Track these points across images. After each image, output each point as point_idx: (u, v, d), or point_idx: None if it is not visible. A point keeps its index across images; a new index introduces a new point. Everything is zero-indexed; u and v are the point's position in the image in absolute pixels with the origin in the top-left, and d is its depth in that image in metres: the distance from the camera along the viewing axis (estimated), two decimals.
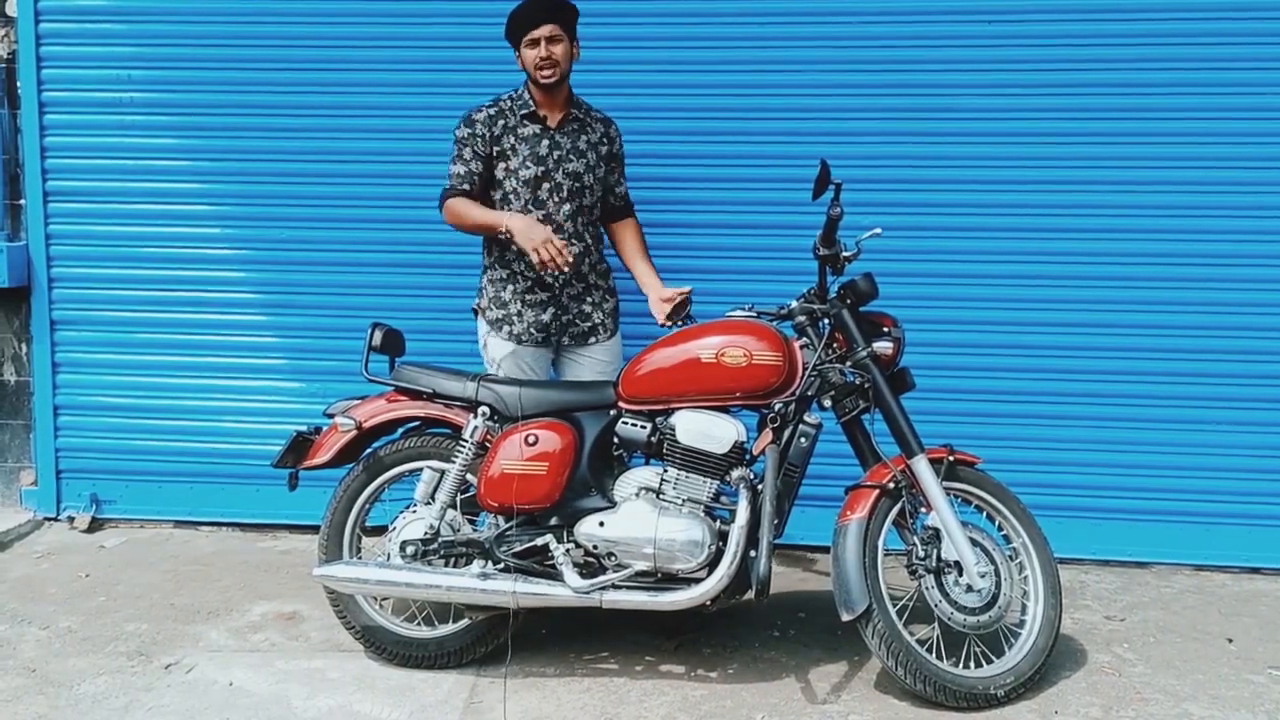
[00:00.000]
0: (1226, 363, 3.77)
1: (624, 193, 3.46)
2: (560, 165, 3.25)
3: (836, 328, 2.93)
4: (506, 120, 3.25)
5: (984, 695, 2.78)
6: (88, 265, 4.13)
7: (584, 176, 3.28)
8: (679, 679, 2.96)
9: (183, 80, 4.02)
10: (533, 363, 3.33)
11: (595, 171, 3.31)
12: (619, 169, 3.43)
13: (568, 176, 3.25)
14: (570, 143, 3.27)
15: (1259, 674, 3.03)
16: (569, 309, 3.31)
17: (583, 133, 3.31)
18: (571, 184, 3.26)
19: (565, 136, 3.27)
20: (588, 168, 3.29)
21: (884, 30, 3.79)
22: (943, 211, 3.82)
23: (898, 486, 2.87)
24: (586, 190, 3.29)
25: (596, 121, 3.36)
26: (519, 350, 3.31)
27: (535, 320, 3.29)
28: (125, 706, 2.80)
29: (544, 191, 3.25)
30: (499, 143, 3.24)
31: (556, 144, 3.25)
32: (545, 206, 3.25)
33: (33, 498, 4.23)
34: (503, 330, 3.32)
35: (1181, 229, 3.75)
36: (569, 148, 3.27)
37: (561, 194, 3.25)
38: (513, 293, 3.30)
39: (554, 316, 3.30)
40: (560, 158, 3.25)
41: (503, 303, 3.32)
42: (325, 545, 3.04)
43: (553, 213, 3.24)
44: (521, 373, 3.29)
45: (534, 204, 3.24)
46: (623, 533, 2.84)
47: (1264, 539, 3.79)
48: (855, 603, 2.76)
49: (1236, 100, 3.71)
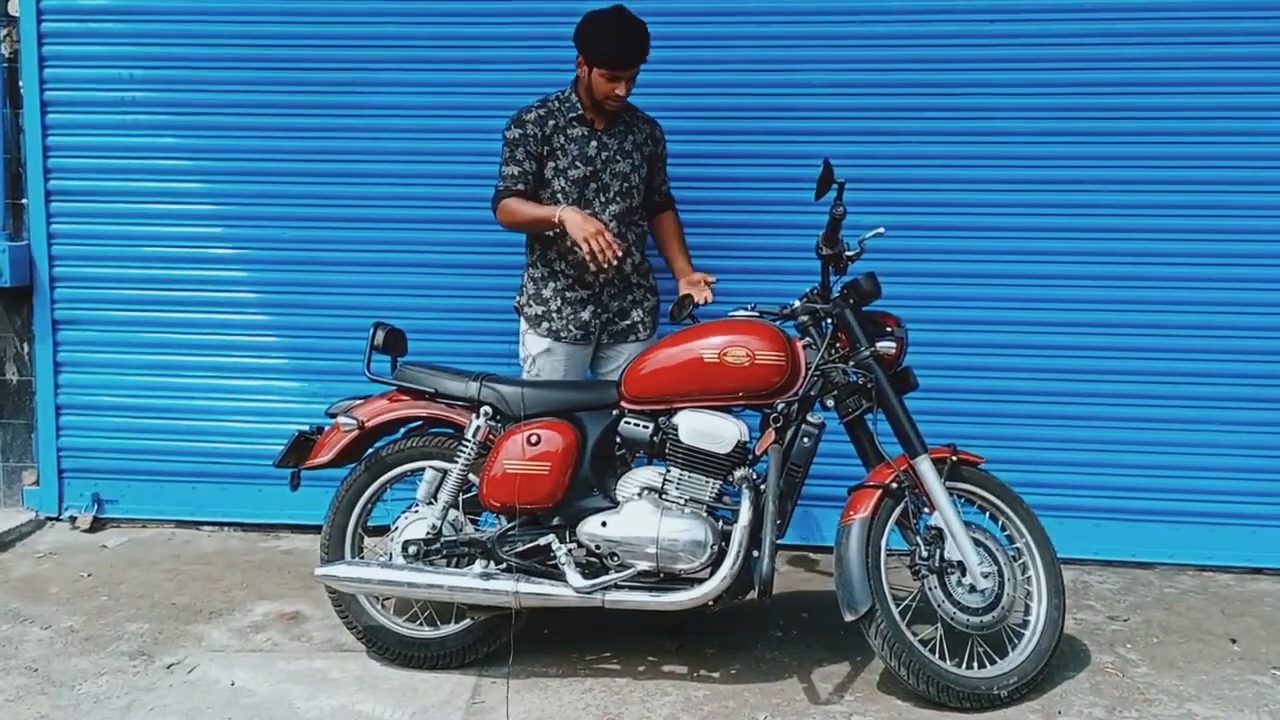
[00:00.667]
0: (1229, 363, 3.77)
1: (666, 189, 3.51)
2: (608, 166, 3.28)
3: (839, 327, 2.93)
4: (556, 120, 3.27)
5: (987, 696, 2.77)
6: (90, 265, 4.13)
7: (630, 177, 3.31)
8: (682, 679, 2.96)
9: (185, 80, 4.02)
10: (568, 360, 3.33)
11: (640, 172, 3.34)
12: (663, 167, 3.48)
13: (615, 177, 3.28)
14: (617, 144, 3.30)
15: (1263, 674, 3.03)
16: (609, 307, 3.33)
17: (629, 134, 3.33)
18: (619, 185, 3.29)
19: (613, 138, 3.30)
20: (633, 168, 3.32)
21: (885, 30, 3.78)
22: (945, 211, 3.82)
23: (901, 487, 2.87)
24: (633, 191, 3.33)
25: (642, 123, 3.39)
26: (556, 347, 3.32)
27: (574, 317, 3.31)
28: (127, 706, 2.80)
29: (590, 192, 3.27)
30: (549, 142, 3.26)
31: (604, 145, 3.28)
32: (591, 206, 3.27)
33: (35, 497, 4.23)
34: (541, 326, 3.33)
35: (1183, 229, 3.75)
36: (616, 149, 3.30)
37: (608, 194, 3.28)
38: (554, 290, 3.31)
39: (594, 314, 3.32)
40: (608, 159, 3.28)
41: (543, 299, 3.33)
42: (327, 545, 3.04)
43: (598, 212, 3.26)
44: (556, 371, 3.31)
45: (580, 203, 3.26)
46: (625, 533, 2.83)
47: (1267, 539, 3.78)
48: (858, 603, 2.76)
49: (1235, 100, 3.70)
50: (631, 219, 3.35)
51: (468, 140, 3.89)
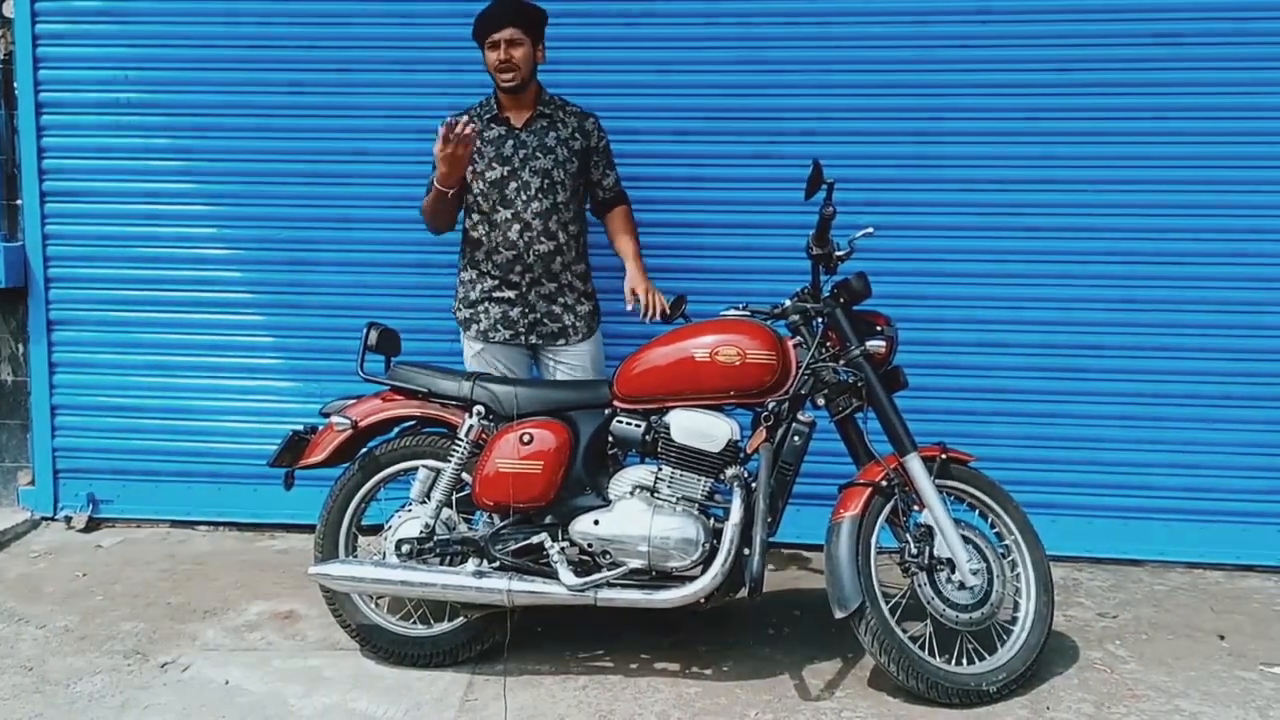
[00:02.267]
0: (1219, 361, 3.79)
1: (612, 184, 3.45)
2: (526, 164, 3.25)
3: (830, 326, 2.95)
4: (474, 125, 3.26)
5: (976, 692, 2.79)
6: (84, 265, 4.13)
7: (553, 173, 3.27)
8: (674, 676, 2.97)
9: (179, 81, 4.03)
10: (505, 361, 3.33)
11: (566, 167, 3.29)
12: (603, 161, 3.41)
13: (535, 174, 3.25)
14: (537, 141, 3.27)
15: (1250, 671, 3.05)
16: (536, 307, 3.31)
17: (551, 130, 3.30)
18: (540, 181, 3.25)
19: (531, 135, 3.27)
20: (556, 164, 3.27)
21: (877, 30, 3.80)
22: (935, 211, 3.83)
23: (891, 484, 2.89)
24: (558, 187, 3.27)
25: (570, 117, 3.35)
26: (487, 348, 3.32)
27: (502, 316, 3.30)
28: (122, 705, 2.81)
29: (511, 191, 3.25)
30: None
31: (522, 143, 3.26)
32: (514, 205, 3.25)
33: (30, 497, 4.24)
34: (470, 329, 3.34)
35: (1173, 229, 3.77)
36: (535, 145, 3.27)
37: (529, 192, 3.25)
38: (480, 291, 3.32)
39: (521, 314, 3.31)
40: (526, 156, 3.26)
41: (471, 301, 3.34)
42: (321, 544, 3.06)
43: (521, 211, 3.24)
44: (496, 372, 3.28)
45: (502, 204, 3.25)
46: (617, 531, 2.85)
47: (1256, 537, 3.81)
48: (848, 600, 2.78)
49: (1232, 100, 3.72)
50: (560, 216, 3.28)
51: None
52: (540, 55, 3.27)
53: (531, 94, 3.30)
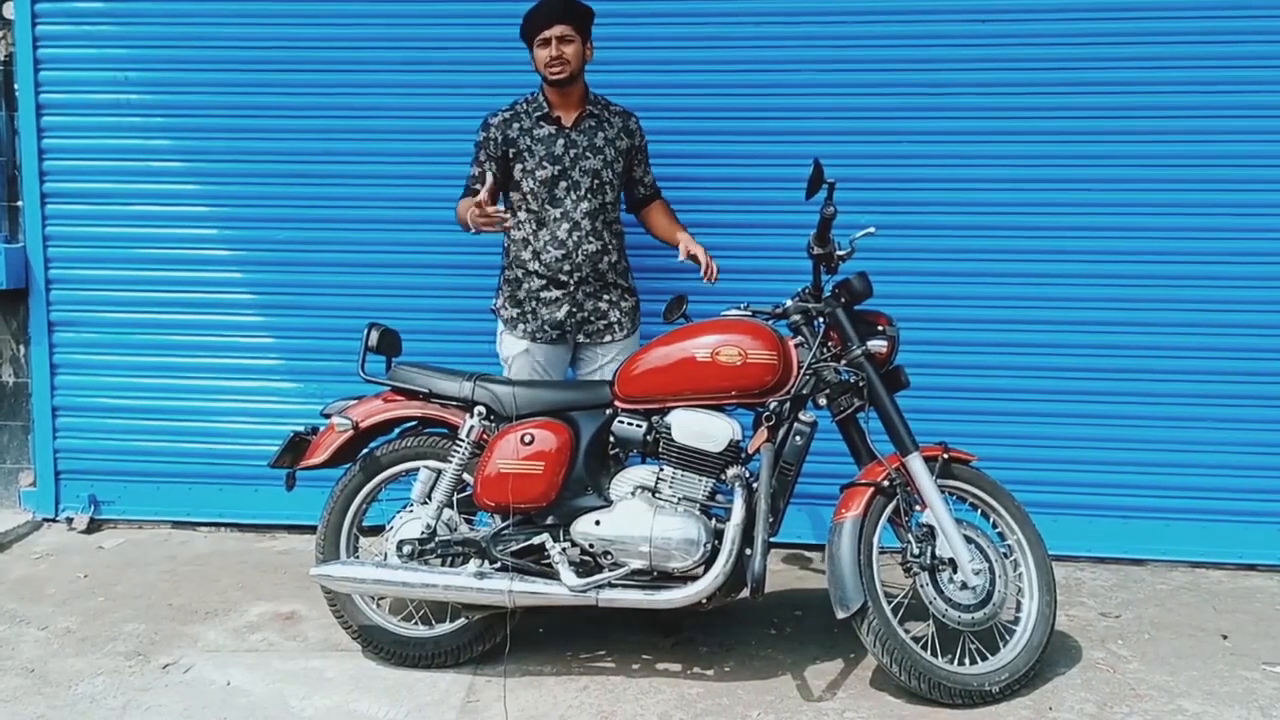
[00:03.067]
0: (1221, 360, 3.79)
1: (651, 182, 3.50)
2: (577, 163, 3.27)
3: (831, 326, 2.95)
4: (521, 122, 3.28)
5: (979, 692, 2.79)
6: (85, 267, 4.14)
7: (602, 173, 3.30)
8: (675, 677, 2.97)
9: (180, 82, 4.03)
10: (546, 361, 3.33)
11: (614, 167, 3.33)
12: (644, 160, 3.46)
13: (585, 174, 3.28)
14: (587, 140, 3.29)
15: (1253, 670, 3.04)
16: (584, 306, 3.32)
17: (599, 130, 3.32)
18: (589, 181, 3.28)
19: (581, 134, 3.29)
20: (605, 164, 3.30)
21: (877, 30, 3.80)
22: (936, 211, 3.83)
23: (892, 484, 2.88)
24: (606, 187, 3.31)
25: (614, 116, 3.38)
26: (533, 348, 3.32)
27: (549, 318, 3.31)
28: (123, 706, 2.81)
29: (560, 190, 3.27)
30: (514, 144, 3.27)
31: (572, 142, 3.28)
32: (562, 205, 3.27)
33: (31, 499, 4.24)
34: (517, 329, 3.34)
35: (1173, 227, 3.77)
36: (585, 145, 3.29)
37: (579, 192, 3.27)
38: (527, 291, 3.32)
39: (568, 314, 3.31)
40: (577, 156, 3.28)
41: (517, 301, 3.34)
42: (322, 545, 3.05)
43: (570, 210, 3.26)
44: (534, 372, 3.31)
45: (550, 203, 3.26)
46: (619, 531, 2.85)
47: (1259, 535, 3.80)
48: (850, 600, 2.78)
49: (1226, 99, 3.72)
50: (606, 216, 3.33)
51: (460, 141, 3.86)
52: (589, 53, 3.29)
53: (579, 92, 3.31)
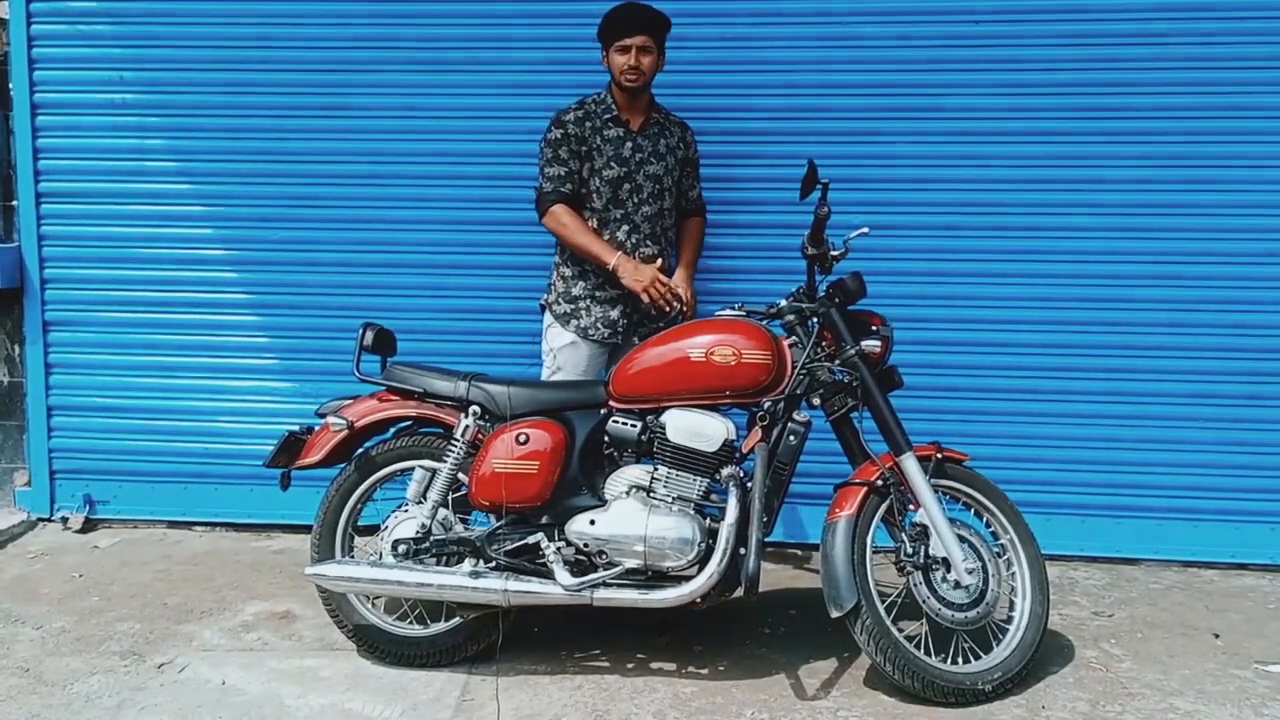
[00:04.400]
0: (1211, 360, 3.80)
1: (696, 195, 3.55)
2: (641, 167, 3.32)
3: (825, 326, 2.95)
4: (593, 121, 3.32)
5: (972, 691, 2.80)
6: (81, 266, 4.13)
7: (663, 179, 3.36)
8: (670, 676, 2.97)
9: (175, 82, 4.03)
10: (591, 358, 3.37)
11: (673, 175, 3.40)
12: (693, 172, 3.53)
13: (648, 179, 3.33)
14: (651, 146, 3.35)
15: (1245, 669, 3.05)
16: (638, 308, 3.34)
17: (662, 136, 3.38)
18: (651, 186, 3.33)
19: (647, 140, 3.35)
20: (666, 170, 3.36)
21: (872, 30, 3.81)
22: (930, 211, 3.84)
23: (886, 484, 2.89)
24: (666, 193, 3.37)
25: (674, 125, 3.44)
26: (581, 343, 3.36)
27: (604, 316, 3.34)
28: (118, 706, 2.81)
29: (624, 192, 3.31)
30: (586, 142, 3.30)
31: (639, 146, 3.33)
32: (625, 206, 3.31)
33: (26, 498, 4.24)
34: (570, 324, 3.37)
35: (1166, 228, 3.78)
36: (650, 150, 3.34)
37: (641, 195, 3.32)
38: (583, 289, 3.35)
39: (623, 314, 3.34)
40: (642, 160, 3.32)
41: (572, 298, 3.37)
42: (318, 544, 3.06)
43: (631, 213, 3.31)
44: (578, 367, 3.35)
45: (614, 204, 3.30)
46: (613, 531, 2.85)
47: (1251, 535, 3.82)
48: (844, 599, 2.78)
49: (1222, 100, 3.74)
50: (664, 222, 3.39)
51: (456, 141, 3.92)
52: (661, 63, 3.34)
53: (647, 99, 3.38)
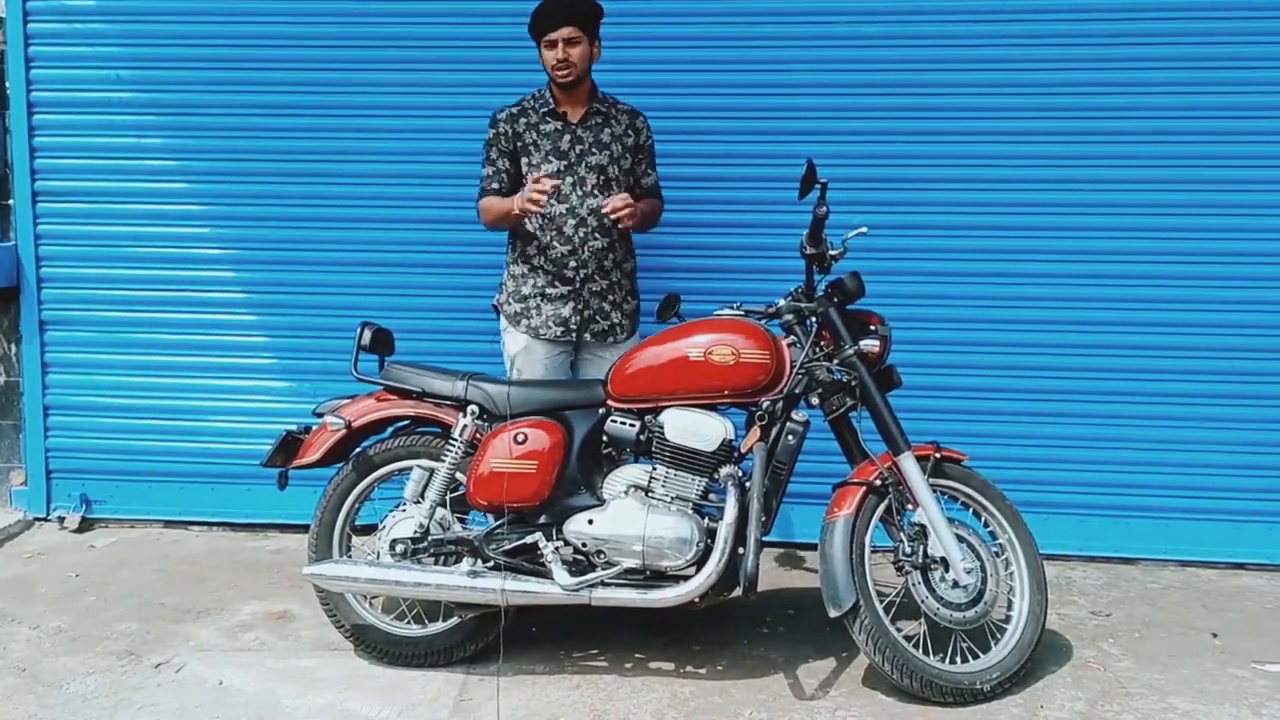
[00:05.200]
0: (1212, 360, 3.80)
1: (650, 183, 3.47)
2: (583, 159, 3.28)
3: (824, 326, 2.95)
4: (529, 118, 3.29)
5: (970, 690, 2.80)
6: (77, 265, 4.12)
7: (608, 169, 3.30)
8: (668, 676, 2.97)
9: (172, 80, 4.02)
10: (548, 360, 3.32)
11: (620, 164, 3.33)
12: (646, 160, 3.45)
13: (591, 170, 3.28)
14: (592, 137, 3.30)
15: (1243, 668, 3.06)
16: (590, 304, 3.31)
17: (606, 126, 3.33)
18: (595, 178, 3.28)
19: (587, 131, 3.30)
20: (611, 159, 3.31)
21: (870, 30, 3.80)
22: (929, 211, 3.84)
23: (885, 483, 2.89)
24: (613, 183, 3.31)
25: (622, 114, 3.38)
26: (534, 345, 3.32)
27: (554, 314, 3.30)
28: (115, 705, 2.80)
29: (567, 186, 3.26)
30: (521, 139, 3.28)
31: (578, 138, 3.29)
32: (569, 200, 3.26)
33: (23, 498, 4.23)
34: (521, 324, 3.33)
35: (1164, 228, 3.78)
36: (591, 141, 3.29)
37: (584, 188, 3.27)
38: (533, 287, 3.31)
39: (574, 311, 3.31)
40: (583, 152, 3.28)
41: (522, 297, 3.33)
42: (315, 544, 3.05)
43: (576, 206, 3.26)
44: (536, 370, 3.30)
45: (557, 198, 3.26)
46: (612, 530, 2.85)
47: (1249, 534, 3.82)
48: (842, 599, 2.78)
49: (1218, 100, 3.74)
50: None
51: (452, 140, 3.90)
52: (597, 53, 3.28)
53: (586, 90, 3.32)
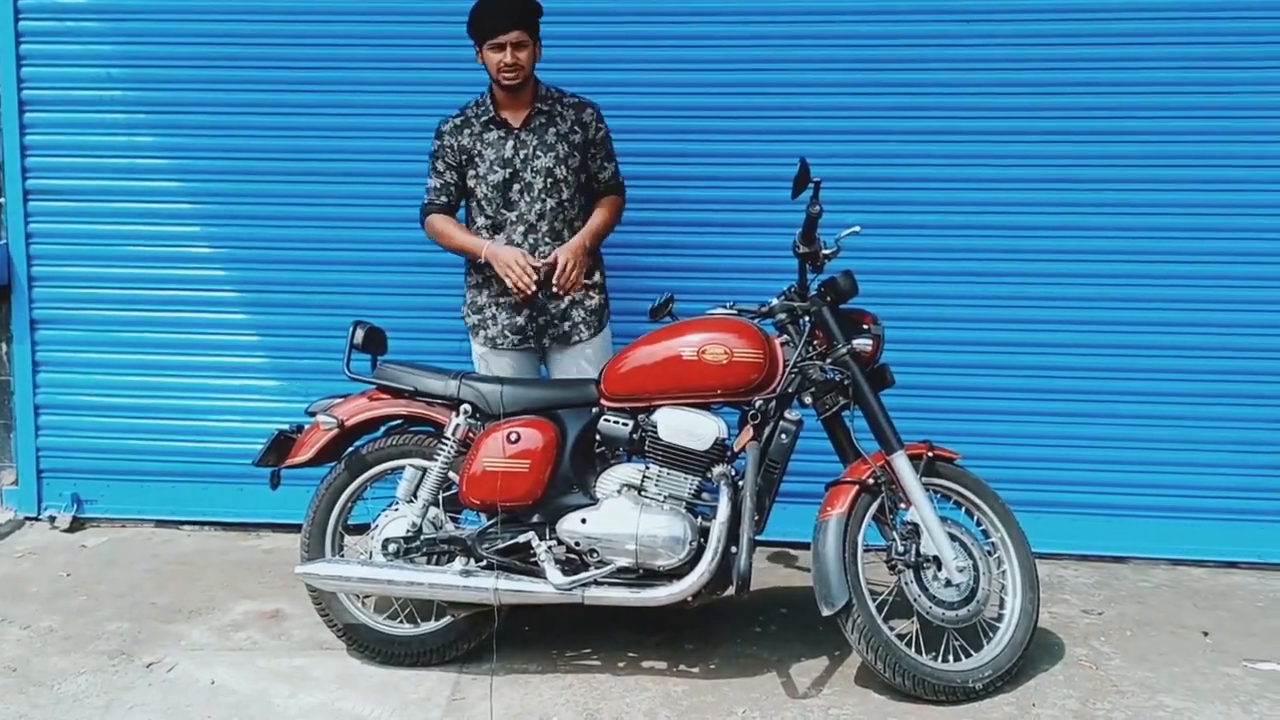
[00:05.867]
0: (1202, 359, 3.81)
1: (608, 176, 3.37)
2: (528, 164, 3.21)
3: (817, 325, 2.96)
4: (472, 128, 3.24)
5: (962, 689, 2.80)
6: (68, 264, 4.11)
7: (556, 170, 3.22)
8: (661, 675, 2.97)
9: (163, 79, 4.01)
10: (513, 367, 3.30)
11: (568, 163, 3.24)
12: (600, 153, 3.33)
13: (537, 174, 3.21)
14: (537, 139, 3.23)
15: (1233, 666, 3.07)
16: (545, 309, 3.27)
17: (550, 126, 3.25)
18: (542, 181, 3.21)
19: (531, 134, 3.23)
20: (558, 161, 3.22)
21: (863, 30, 3.81)
22: (922, 210, 3.85)
23: (877, 482, 2.90)
24: (562, 184, 3.23)
25: (568, 109, 3.28)
26: (493, 355, 3.30)
27: (509, 323, 3.28)
28: (106, 705, 2.79)
29: (514, 193, 3.22)
30: (466, 151, 3.24)
31: (522, 143, 3.22)
32: (517, 207, 3.22)
33: (14, 497, 4.21)
34: (479, 335, 3.33)
35: (1153, 227, 3.79)
36: (535, 144, 3.22)
37: (532, 193, 3.22)
38: (487, 296, 3.29)
39: (529, 319, 3.27)
40: (527, 156, 3.22)
41: (478, 307, 3.32)
42: (307, 544, 3.05)
43: (525, 213, 3.22)
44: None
45: (505, 206, 3.22)
46: (605, 529, 2.85)
47: (1239, 533, 3.83)
48: (835, 598, 2.79)
49: (1211, 100, 3.75)
50: (565, 215, 3.25)
51: None
52: (539, 52, 3.22)
53: (529, 91, 3.24)
